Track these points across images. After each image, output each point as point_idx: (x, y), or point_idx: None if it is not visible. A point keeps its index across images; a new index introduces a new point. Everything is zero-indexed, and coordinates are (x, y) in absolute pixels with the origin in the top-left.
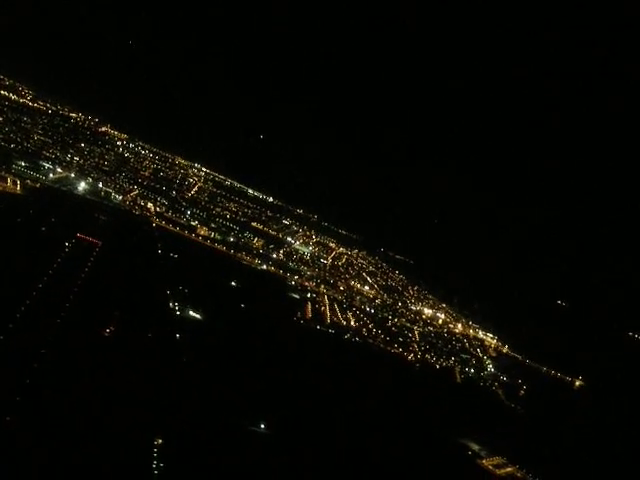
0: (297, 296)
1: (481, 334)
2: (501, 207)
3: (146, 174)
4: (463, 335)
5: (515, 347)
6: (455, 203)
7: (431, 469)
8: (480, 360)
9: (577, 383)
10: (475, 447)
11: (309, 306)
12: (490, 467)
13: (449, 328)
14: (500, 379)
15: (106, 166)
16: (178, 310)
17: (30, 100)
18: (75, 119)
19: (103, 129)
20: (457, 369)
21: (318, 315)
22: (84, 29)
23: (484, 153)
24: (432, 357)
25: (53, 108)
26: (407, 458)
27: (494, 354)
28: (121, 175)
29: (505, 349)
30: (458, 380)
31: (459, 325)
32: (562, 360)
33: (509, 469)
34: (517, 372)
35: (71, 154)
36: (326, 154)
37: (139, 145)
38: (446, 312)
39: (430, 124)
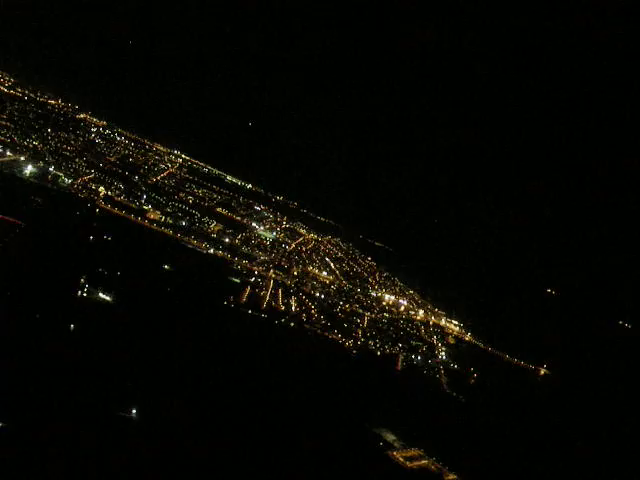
0: (238, 280)
1: (444, 321)
2: (490, 197)
3: (112, 159)
4: (422, 322)
5: (480, 335)
6: (442, 193)
7: (329, 461)
8: (433, 347)
9: (542, 372)
10: (391, 438)
11: (247, 290)
12: (400, 459)
13: (408, 315)
14: (450, 367)
15: (67, 151)
16: (86, 292)
17: (7, 87)
18: (53, 106)
19: (81, 116)
20: (402, 356)
21: (255, 300)
22: (71, 19)
23: (474, 143)
24: (376, 344)
25: (32, 95)
26: (304, 449)
27: (453, 341)
28: (81, 160)
29: (468, 337)
30: (398, 367)
31: (421, 312)
32: (536, 349)
33: (423, 462)
34: (473, 360)
35: (32, 139)
36: (315, 142)
37: (117, 132)
38: (411, 299)
39: (419, 111)
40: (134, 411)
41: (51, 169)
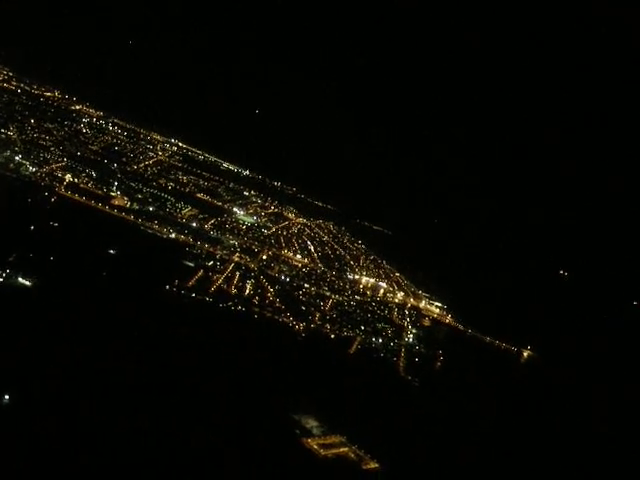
0: (192, 264)
1: (424, 304)
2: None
3: (94, 148)
4: (399, 305)
5: (462, 317)
6: (448, 178)
7: (230, 448)
8: (401, 330)
9: (525, 354)
10: (311, 424)
11: (198, 274)
12: (314, 447)
13: (385, 297)
14: (415, 350)
15: (45, 141)
16: (2, 277)
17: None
18: (48, 98)
19: (77, 107)
20: (359, 339)
21: (205, 283)
22: (69, 12)
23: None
24: (333, 327)
25: (27, 88)
26: (214, 436)
27: (428, 324)
28: (57, 149)
29: (448, 319)
30: (351, 350)
31: (399, 294)
32: (521, 332)
33: (342, 449)
34: (445, 343)
35: (8, 129)
36: (313, 128)
37: (111, 122)
38: (395, 282)
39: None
40: (6, 397)
41: (17, 158)
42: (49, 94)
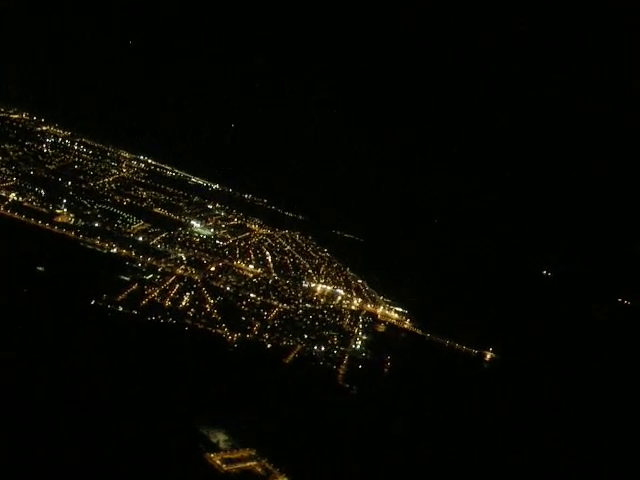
0: (127, 278)
1: (381, 310)
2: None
3: (51, 167)
4: (353, 312)
5: (421, 322)
6: (421, 181)
7: (128, 466)
8: (350, 336)
9: (488, 356)
10: (219, 437)
11: (132, 288)
12: (217, 462)
13: (340, 305)
14: (360, 356)
15: None
16: None
17: None
18: (12, 120)
19: (43, 128)
20: (299, 347)
21: (137, 297)
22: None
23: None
24: (272, 336)
25: None
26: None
27: (382, 329)
28: (9, 169)
29: (407, 324)
30: (287, 360)
31: (356, 301)
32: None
33: (249, 464)
34: (397, 348)
35: None
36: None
37: (77, 142)
38: (354, 289)
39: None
40: None
41: None
42: (16, 116)
